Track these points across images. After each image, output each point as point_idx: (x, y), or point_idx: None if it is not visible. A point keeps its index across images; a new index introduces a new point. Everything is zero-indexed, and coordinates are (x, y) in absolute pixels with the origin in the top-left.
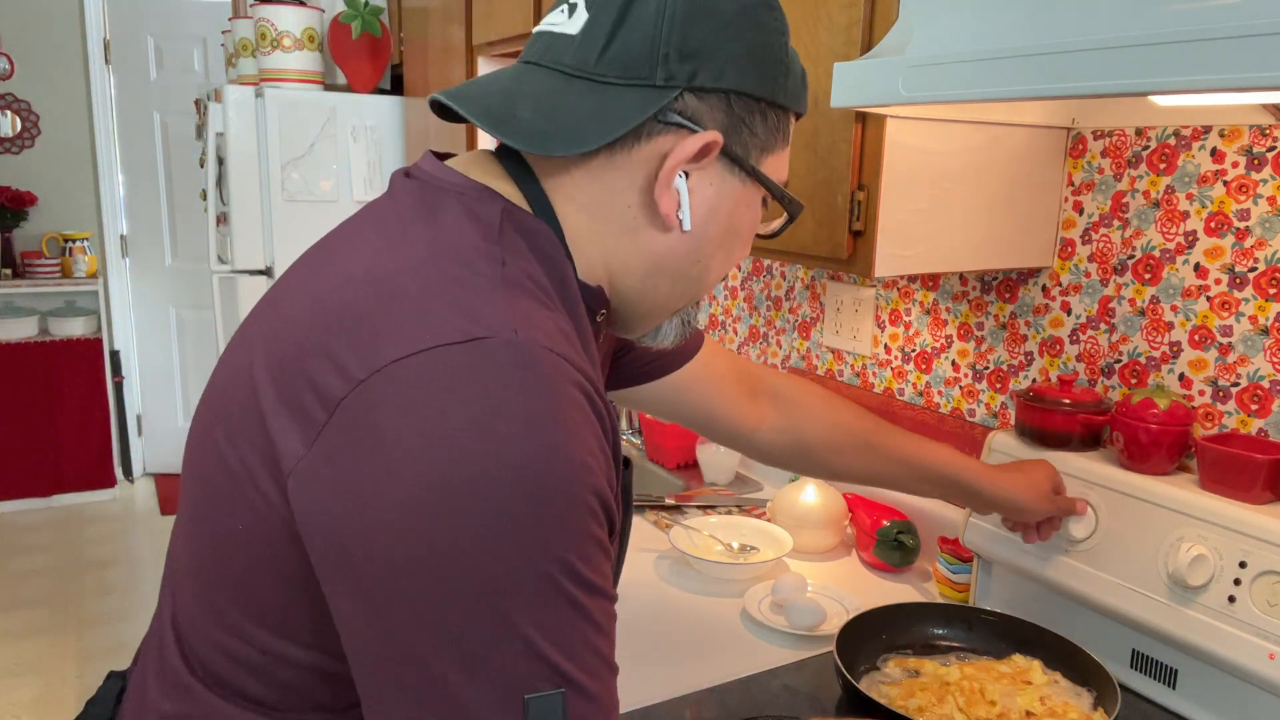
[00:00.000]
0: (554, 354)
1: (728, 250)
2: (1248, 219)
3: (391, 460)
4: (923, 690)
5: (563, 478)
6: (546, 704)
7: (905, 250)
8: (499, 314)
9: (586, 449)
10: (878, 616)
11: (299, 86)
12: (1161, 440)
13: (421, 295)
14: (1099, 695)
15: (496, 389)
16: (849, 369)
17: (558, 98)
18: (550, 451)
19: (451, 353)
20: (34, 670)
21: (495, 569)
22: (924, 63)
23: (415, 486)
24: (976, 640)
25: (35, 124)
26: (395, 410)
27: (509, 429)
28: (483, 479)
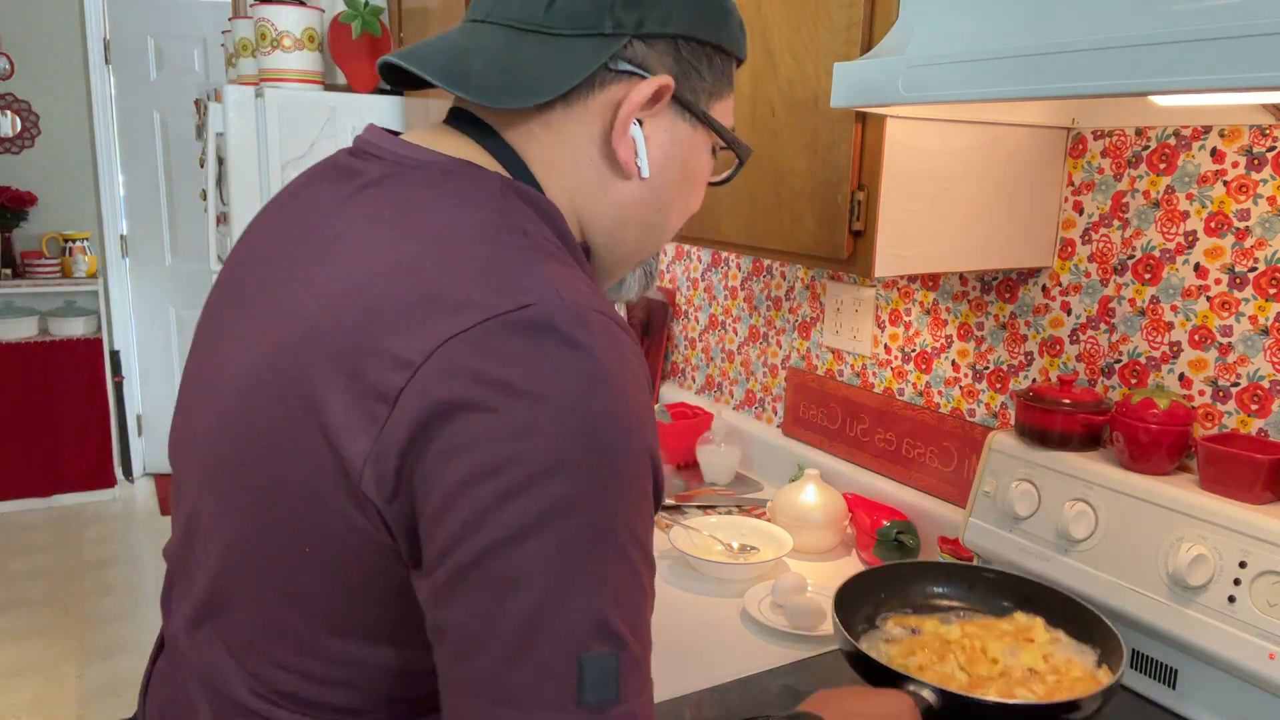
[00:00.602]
0: (601, 314)
1: (685, 197)
2: (1248, 219)
3: (467, 434)
4: (923, 648)
5: (630, 436)
6: (601, 664)
7: (905, 250)
8: (540, 281)
9: (645, 407)
10: (876, 575)
11: (299, 86)
12: (1161, 440)
13: (459, 274)
14: (1103, 652)
15: (556, 353)
16: (849, 369)
17: (510, 51)
18: (617, 411)
19: (506, 321)
20: (34, 670)
21: (576, 529)
22: (924, 63)
23: (493, 457)
24: (977, 599)
25: (35, 124)
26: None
27: (577, 390)
28: (559, 439)
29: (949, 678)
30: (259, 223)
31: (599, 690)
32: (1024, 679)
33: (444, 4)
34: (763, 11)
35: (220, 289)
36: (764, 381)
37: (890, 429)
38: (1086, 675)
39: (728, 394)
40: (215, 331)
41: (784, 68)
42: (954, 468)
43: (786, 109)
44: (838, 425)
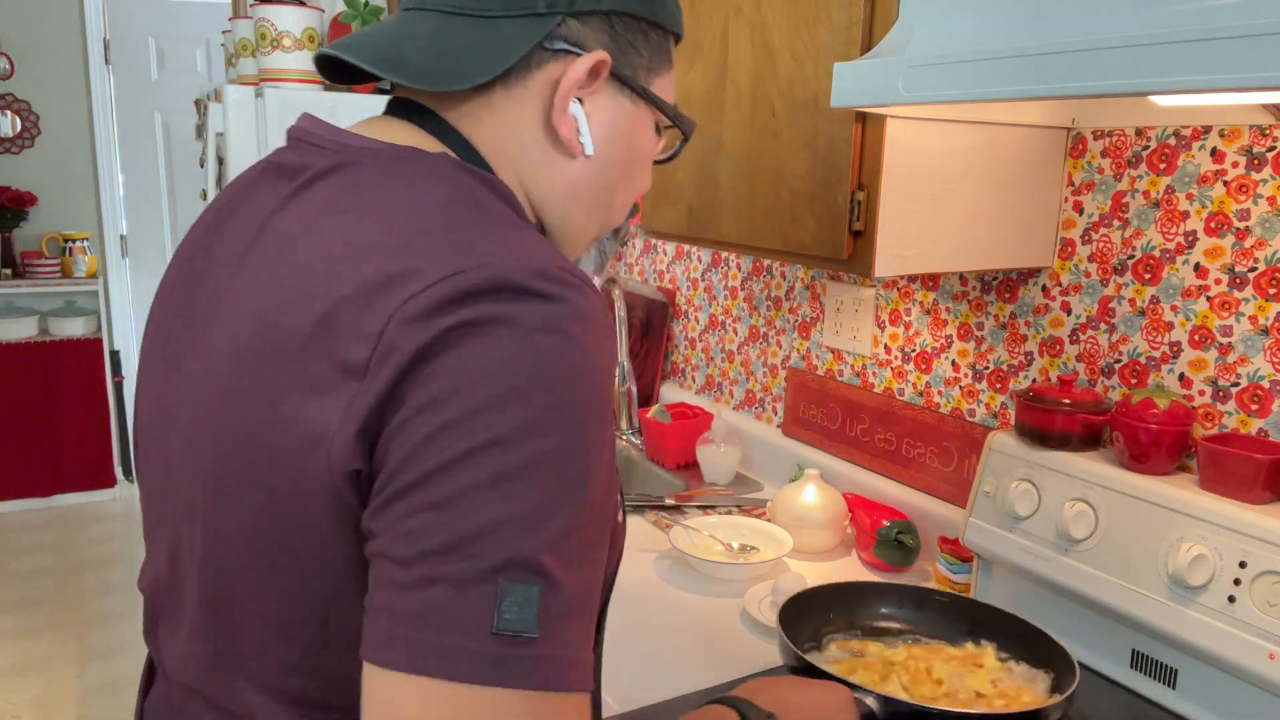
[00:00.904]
0: (560, 268)
1: (632, 174)
2: (1248, 219)
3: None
4: (866, 669)
5: (583, 379)
6: (520, 593)
7: (905, 250)
8: (495, 244)
9: (604, 355)
10: (825, 593)
11: (299, 86)
12: (1161, 440)
13: (415, 247)
14: (1056, 677)
15: (510, 300)
16: (849, 369)
17: (444, 35)
18: (570, 353)
19: (459, 279)
20: (34, 670)
21: (513, 463)
22: (924, 63)
23: (440, 391)
24: (926, 622)
25: (35, 124)
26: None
27: (529, 329)
28: (508, 375)
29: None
30: (194, 243)
31: (516, 621)
32: (969, 701)
33: None
34: (763, 11)
35: (162, 314)
36: (764, 381)
37: (890, 429)
38: (1036, 701)
39: (728, 394)
40: (169, 358)
41: (784, 68)
42: (954, 468)
43: (786, 109)
44: (838, 425)
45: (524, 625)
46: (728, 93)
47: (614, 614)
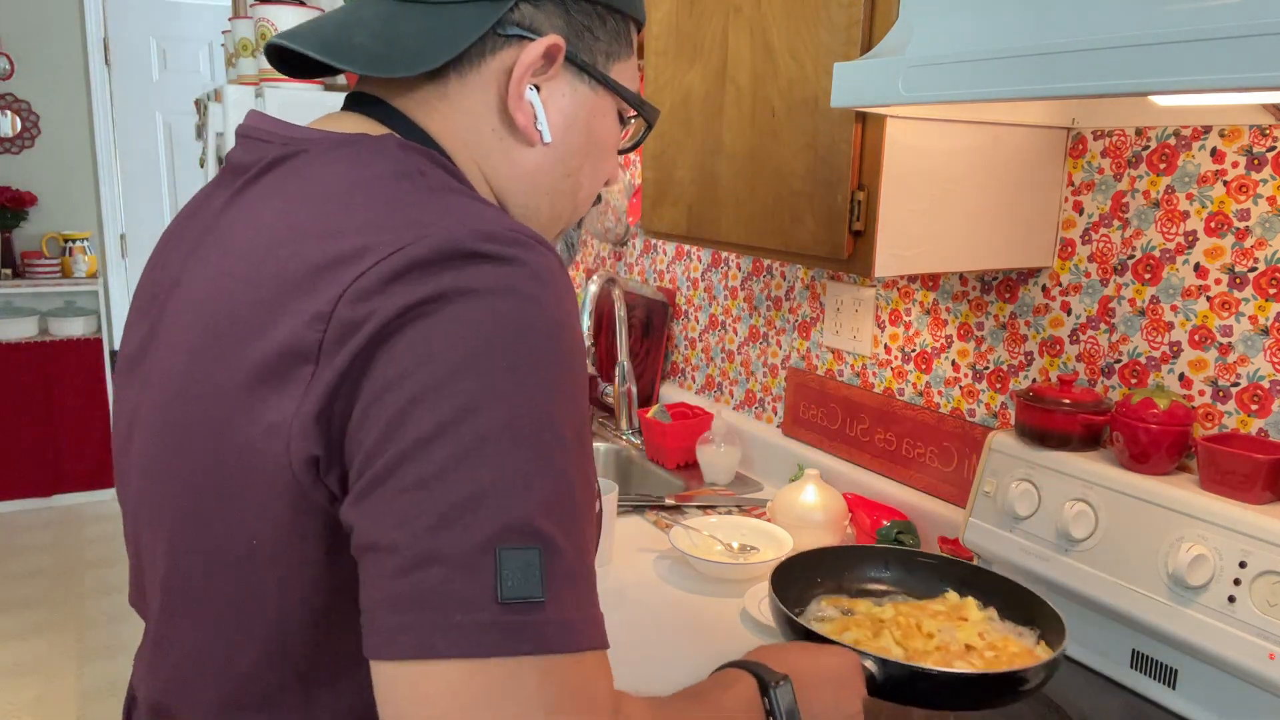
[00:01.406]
0: (510, 230)
1: (594, 162)
2: (1248, 219)
3: (383, 357)
4: (857, 626)
5: (550, 334)
6: (521, 559)
7: (905, 250)
8: (440, 213)
9: (568, 309)
10: (813, 557)
11: (299, 86)
12: (1161, 440)
13: (358, 222)
14: (1043, 633)
15: (461, 264)
16: (849, 369)
17: (394, 22)
18: (533, 309)
19: (407, 252)
20: (34, 670)
21: (490, 427)
22: (924, 63)
23: (403, 365)
24: (913, 583)
25: (35, 124)
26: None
27: (487, 291)
28: (470, 339)
29: (885, 652)
30: (160, 253)
31: (520, 587)
32: (961, 654)
33: None
34: (763, 11)
35: (134, 326)
36: (764, 381)
37: (890, 429)
38: (1025, 651)
39: (728, 394)
40: (134, 367)
41: (784, 68)
42: (954, 468)
43: (786, 109)
44: (838, 425)
45: (529, 590)
46: (728, 93)
47: (614, 614)
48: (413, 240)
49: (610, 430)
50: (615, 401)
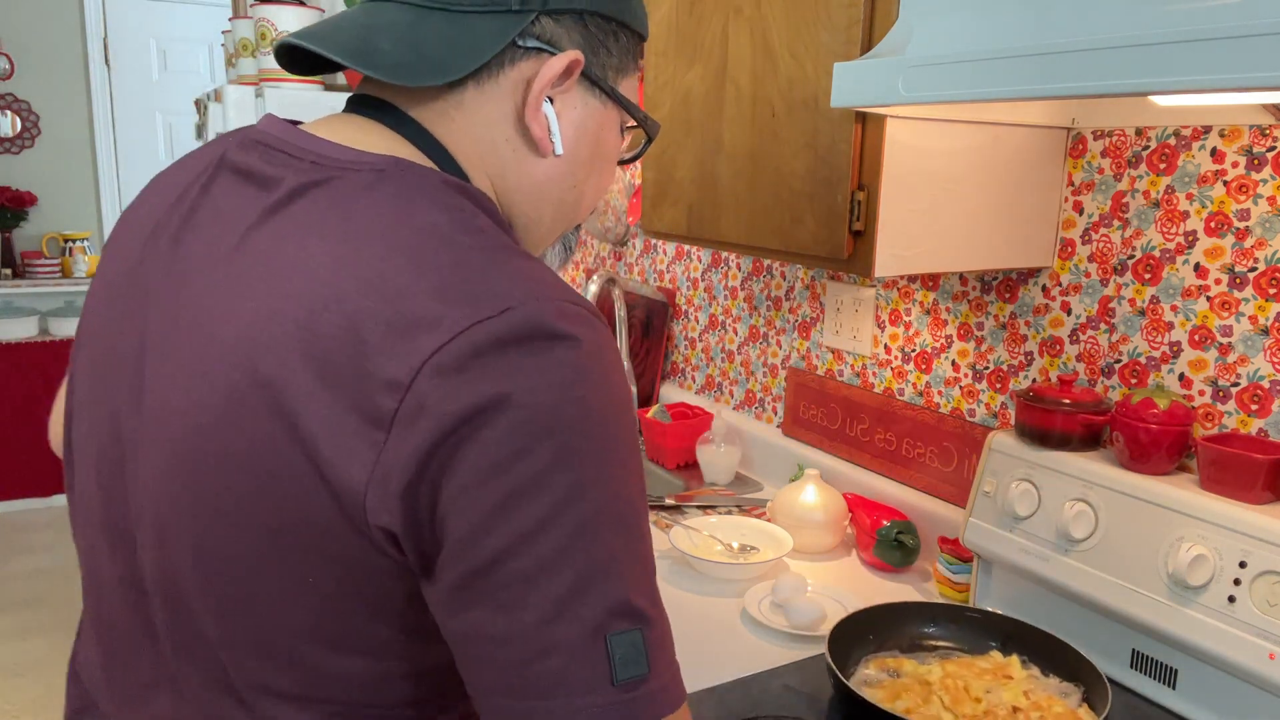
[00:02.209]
0: (573, 304)
1: (598, 173)
2: (1248, 219)
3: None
4: (907, 691)
5: (621, 417)
6: (628, 641)
7: (905, 250)
8: (510, 282)
9: (626, 387)
10: (862, 618)
11: (299, 86)
12: (1161, 440)
13: (429, 284)
14: (1087, 691)
15: (542, 349)
16: (849, 369)
17: (417, 30)
18: (607, 396)
19: (486, 329)
20: (34, 670)
21: (587, 516)
22: (924, 63)
23: (497, 458)
24: (958, 638)
25: (35, 124)
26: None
27: (568, 381)
28: (559, 433)
29: None
30: (138, 241)
31: (630, 667)
32: (1009, 718)
33: None
34: (763, 11)
35: (106, 321)
36: (764, 381)
37: (890, 429)
38: (1069, 713)
39: (728, 394)
40: (125, 372)
41: (784, 68)
42: (954, 468)
43: (786, 109)
44: (838, 425)
45: (638, 669)
46: (728, 93)
47: None
48: (491, 314)
49: None
50: None
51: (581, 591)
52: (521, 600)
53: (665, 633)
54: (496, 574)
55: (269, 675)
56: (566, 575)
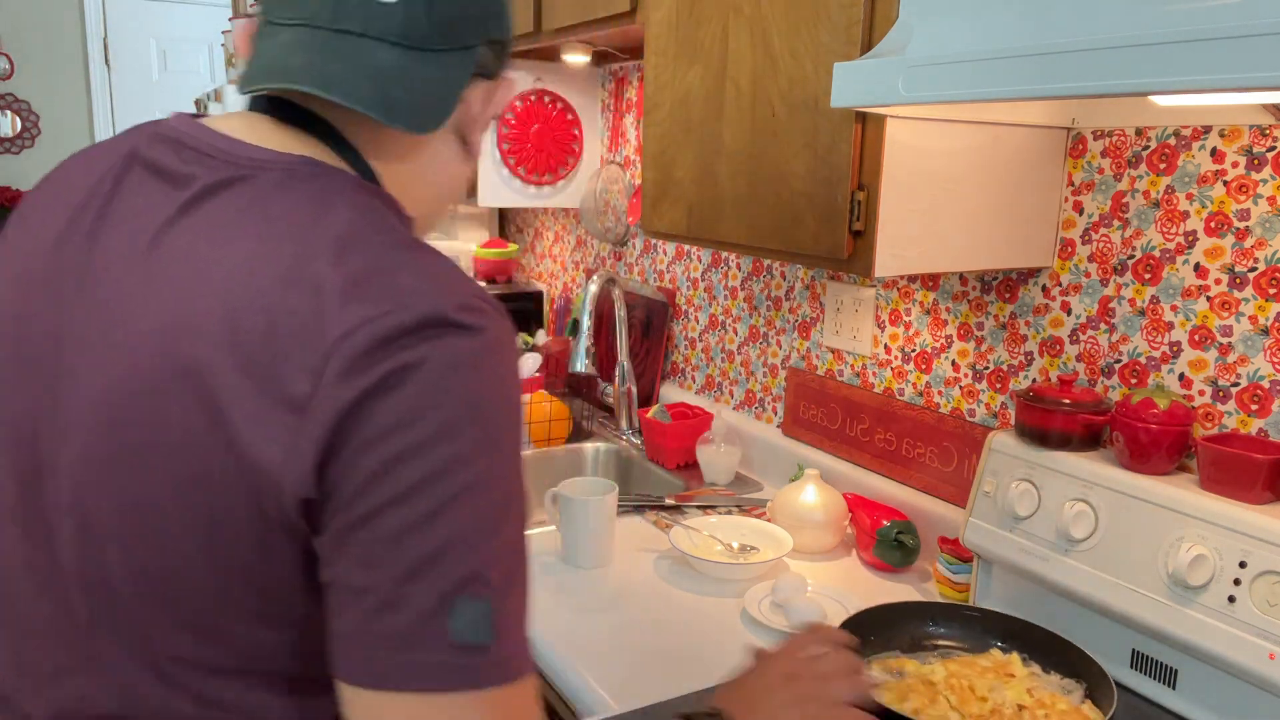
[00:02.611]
0: (479, 298)
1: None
2: (1248, 219)
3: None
4: (913, 693)
5: (509, 408)
6: (476, 609)
7: (905, 250)
8: (420, 277)
9: (518, 382)
10: (863, 618)
11: None
12: (1161, 440)
13: (343, 277)
14: (1090, 687)
15: (445, 336)
16: (849, 369)
17: (413, 72)
18: (500, 387)
19: (396, 318)
20: None
21: (460, 489)
22: (924, 63)
23: (389, 427)
24: (961, 636)
25: (35, 124)
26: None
27: (465, 366)
28: (449, 410)
29: None
30: (40, 236)
31: (473, 633)
32: (1015, 717)
33: None
34: (763, 11)
35: (14, 316)
36: (764, 381)
37: (890, 429)
38: (1073, 710)
39: (728, 394)
40: (37, 368)
41: (784, 68)
42: (954, 468)
43: (786, 109)
44: (838, 425)
45: (481, 637)
46: (728, 93)
47: (614, 614)
48: (399, 307)
49: (610, 430)
50: (615, 401)
51: (439, 557)
52: (382, 557)
53: (518, 611)
54: (367, 530)
55: (194, 650)
56: (429, 540)
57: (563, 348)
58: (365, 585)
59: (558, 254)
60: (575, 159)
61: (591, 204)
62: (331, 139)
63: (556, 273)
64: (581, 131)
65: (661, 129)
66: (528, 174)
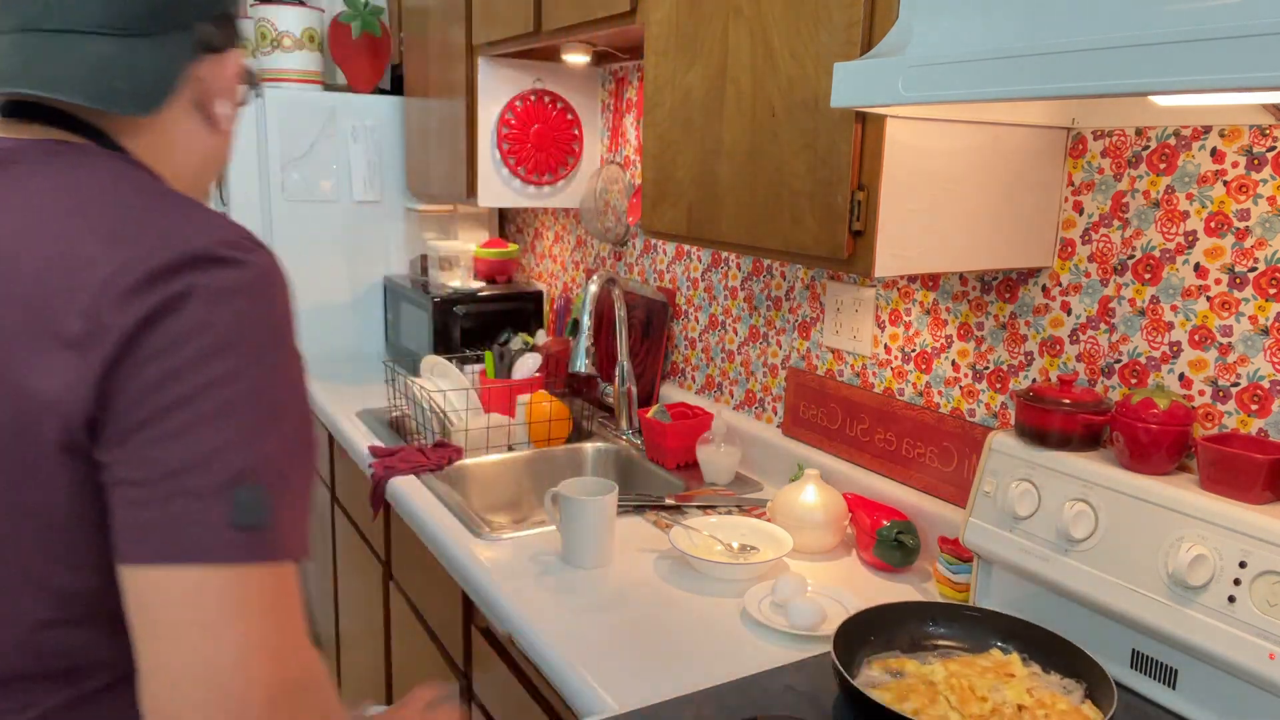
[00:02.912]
0: (244, 237)
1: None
2: (1248, 219)
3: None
4: (913, 693)
5: (284, 326)
6: (252, 495)
7: (905, 250)
8: (181, 221)
9: (291, 307)
10: (864, 619)
11: (299, 86)
12: (1161, 440)
13: (106, 231)
14: (1090, 687)
15: (216, 268)
16: (849, 369)
17: (128, 59)
18: (273, 307)
19: (165, 258)
20: None
21: (237, 396)
22: (924, 63)
23: (170, 342)
24: (961, 636)
25: None
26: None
27: (240, 289)
28: (226, 327)
29: None
30: None
31: (250, 515)
32: (1015, 717)
33: (444, 4)
34: (763, 11)
35: None
36: (764, 381)
37: (890, 429)
38: (1073, 710)
39: (728, 394)
40: None
41: (784, 68)
42: (954, 468)
43: (786, 109)
44: (838, 425)
45: (257, 519)
46: (728, 93)
47: (614, 614)
48: (161, 245)
49: (610, 430)
50: (615, 401)
51: (216, 453)
52: (163, 454)
53: (294, 503)
54: (147, 431)
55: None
56: (206, 439)
57: (563, 348)
58: (146, 478)
59: (558, 254)
60: (575, 159)
61: (591, 204)
62: (80, 128)
63: (556, 273)
64: (581, 131)
65: (661, 129)
66: (528, 174)
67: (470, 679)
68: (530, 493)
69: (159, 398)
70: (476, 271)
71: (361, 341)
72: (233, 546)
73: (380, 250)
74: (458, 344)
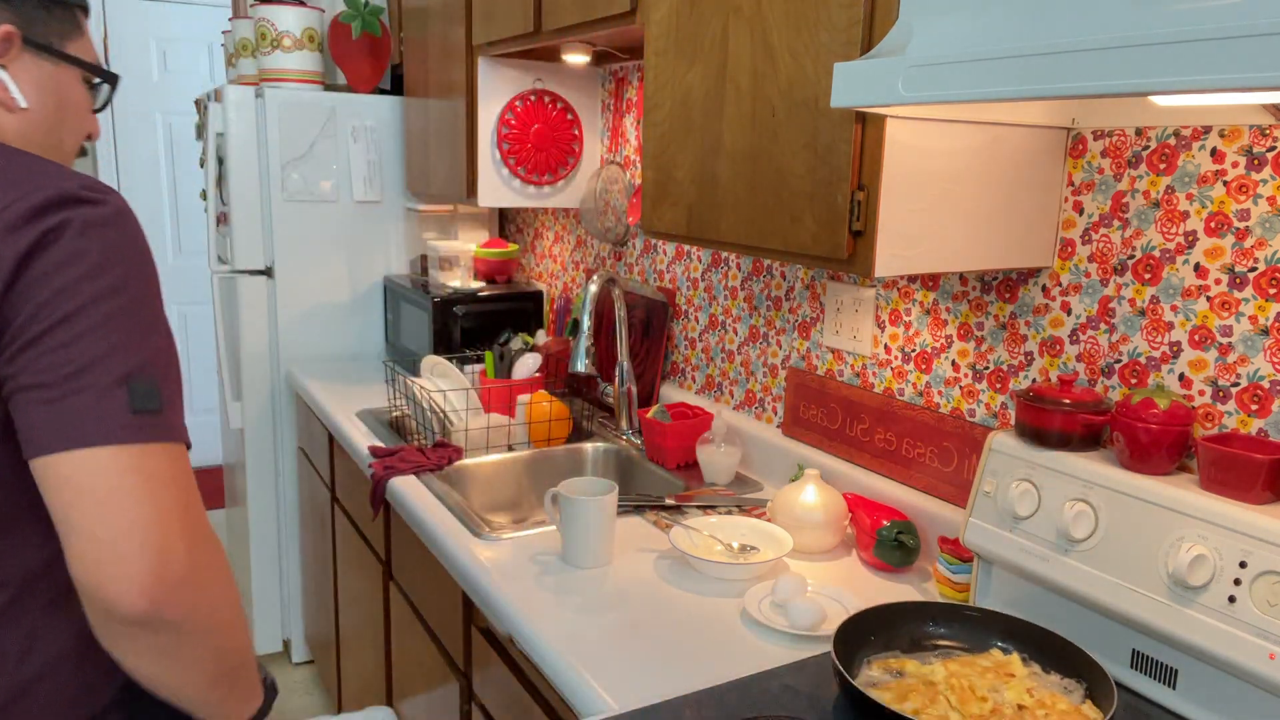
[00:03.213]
0: (98, 183)
1: (73, 121)
2: (1248, 219)
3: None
4: (914, 693)
5: (147, 249)
6: (145, 386)
7: (905, 250)
8: (46, 174)
9: (142, 233)
10: (865, 619)
11: (299, 86)
12: (1161, 440)
13: None
14: (1090, 687)
15: (85, 204)
16: (849, 369)
17: None
18: (137, 234)
19: (41, 198)
20: None
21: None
22: (924, 63)
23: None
24: (961, 636)
25: None
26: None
27: (109, 220)
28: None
29: None
30: None
31: (145, 402)
32: (1015, 717)
33: (444, 4)
34: (763, 11)
35: None
36: (764, 381)
37: (890, 429)
38: (1073, 710)
39: (728, 394)
40: None
41: (784, 68)
42: (954, 468)
43: (786, 109)
44: (838, 425)
45: (152, 404)
46: (728, 93)
47: (614, 614)
48: (35, 189)
49: (610, 430)
50: (615, 401)
51: (111, 353)
52: (63, 359)
53: (174, 397)
54: (45, 340)
55: None
56: (99, 343)
57: (563, 348)
58: (51, 380)
59: (558, 254)
60: (575, 159)
61: (591, 204)
62: None
63: (556, 273)
64: (581, 131)
65: (661, 129)
66: (528, 174)
67: (470, 679)
68: (530, 493)
69: (52, 311)
70: (476, 271)
71: (361, 341)
72: (135, 429)
73: (380, 250)
74: (458, 344)
